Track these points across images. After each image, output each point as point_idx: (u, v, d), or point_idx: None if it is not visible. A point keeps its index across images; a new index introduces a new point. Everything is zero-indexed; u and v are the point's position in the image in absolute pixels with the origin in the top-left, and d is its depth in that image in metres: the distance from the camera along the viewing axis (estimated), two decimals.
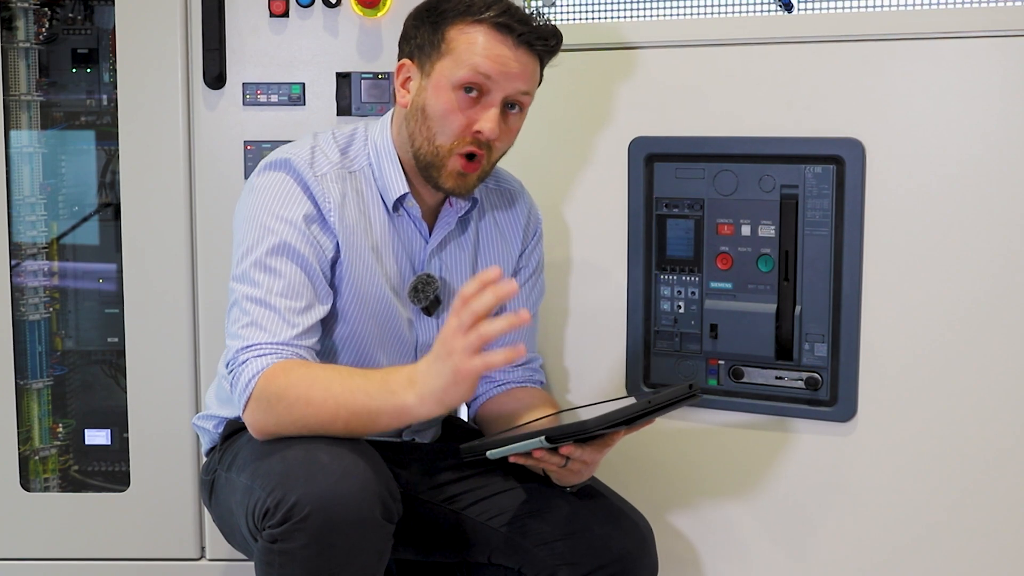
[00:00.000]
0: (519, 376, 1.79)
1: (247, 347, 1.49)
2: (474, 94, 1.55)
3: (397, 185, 1.62)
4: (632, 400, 1.46)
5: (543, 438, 1.38)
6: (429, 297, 1.66)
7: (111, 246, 2.19)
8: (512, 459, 1.47)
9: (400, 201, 1.63)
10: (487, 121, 1.54)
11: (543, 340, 1.94)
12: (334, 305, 1.60)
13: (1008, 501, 1.75)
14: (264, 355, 1.48)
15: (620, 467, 1.90)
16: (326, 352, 1.63)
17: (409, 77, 1.61)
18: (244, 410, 1.49)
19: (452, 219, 1.68)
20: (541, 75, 1.62)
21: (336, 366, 1.49)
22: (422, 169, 1.59)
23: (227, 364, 1.52)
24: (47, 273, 2.22)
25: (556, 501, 1.63)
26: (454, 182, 1.58)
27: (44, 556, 2.11)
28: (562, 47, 1.61)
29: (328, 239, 1.58)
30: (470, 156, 1.56)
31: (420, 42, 1.58)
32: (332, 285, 1.59)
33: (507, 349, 1.34)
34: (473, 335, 1.33)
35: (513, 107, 1.58)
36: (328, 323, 1.61)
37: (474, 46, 1.53)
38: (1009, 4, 1.89)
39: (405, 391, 1.40)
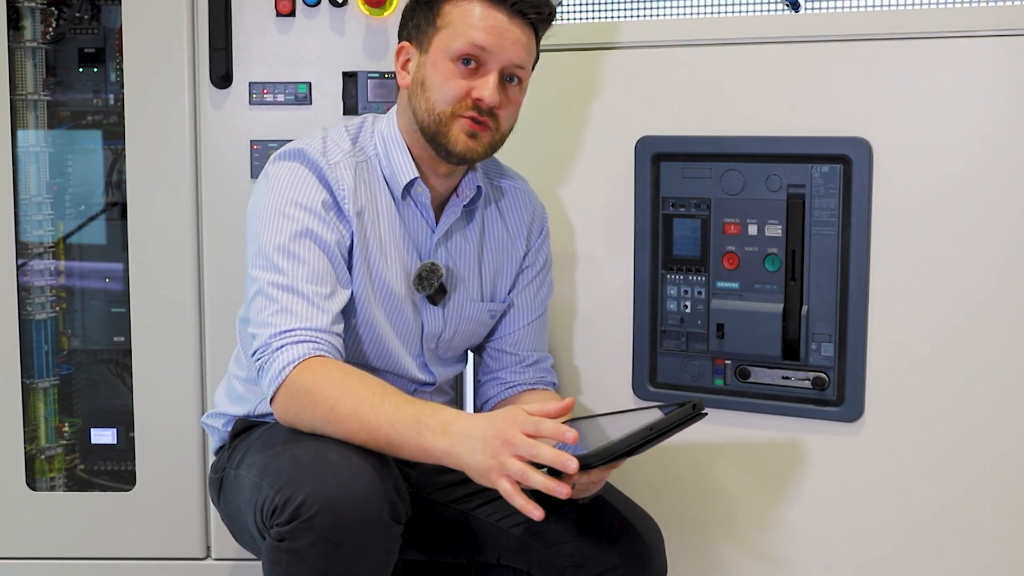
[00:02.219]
0: (529, 377, 1.79)
1: (281, 333, 1.49)
2: (472, 65, 1.55)
3: (406, 171, 1.62)
4: (656, 411, 1.45)
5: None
6: (434, 285, 1.66)
7: (117, 245, 2.19)
8: None
9: (409, 187, 1.64)
10: (486, 88, 1.55)
11: (549, 339, 1.94)
12: (353, 292, 1.60)
13: (1014, 500, 1.75)
14: (301, 341, 1.48)
15: (625, 468, 1.89)
16: (346, 341, 1.62)
17: (408, 59, 1.62)
18: (273, 398, 1.48)
19: (458, 208, 1.68)
20: (538, 50, 1.62)
21: (372, 380, 1.47)
22: (430, 140, 1.59)
23: (255, 351, 1.51)
24: (53, 272, 2.21)
25: (566, 503, 1.63)
26: (464, 145, 1.57)
27: (50, 555, 2.11)
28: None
29: (344, 226, 1.58)
30: (475, 121, 1.56)
31: (417, 22, 1.60)
32: (349, 270, 1.59)
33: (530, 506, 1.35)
34: (518, 466, 1.33)
35: (512, 80, 1.59)
36: (347, 311, 1.60)
37: (469, 18, 1.55)
38: (1016, 3, 1.89)
39: (436, 437, 1.39)
